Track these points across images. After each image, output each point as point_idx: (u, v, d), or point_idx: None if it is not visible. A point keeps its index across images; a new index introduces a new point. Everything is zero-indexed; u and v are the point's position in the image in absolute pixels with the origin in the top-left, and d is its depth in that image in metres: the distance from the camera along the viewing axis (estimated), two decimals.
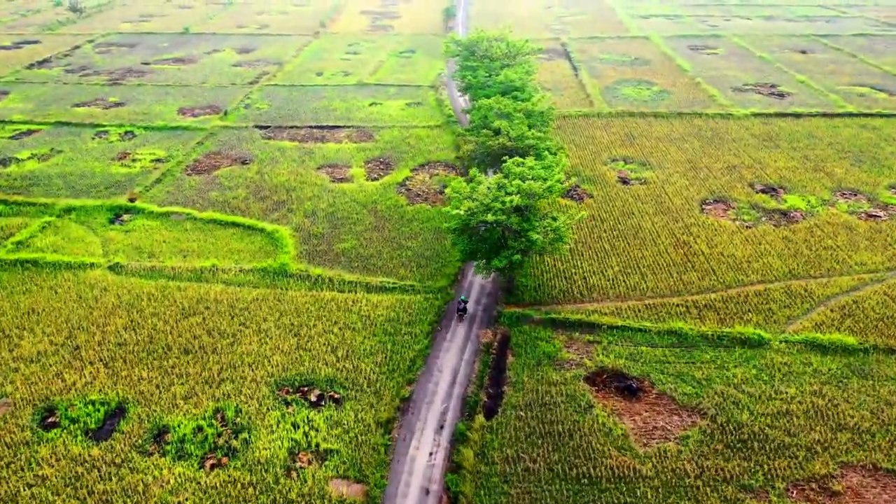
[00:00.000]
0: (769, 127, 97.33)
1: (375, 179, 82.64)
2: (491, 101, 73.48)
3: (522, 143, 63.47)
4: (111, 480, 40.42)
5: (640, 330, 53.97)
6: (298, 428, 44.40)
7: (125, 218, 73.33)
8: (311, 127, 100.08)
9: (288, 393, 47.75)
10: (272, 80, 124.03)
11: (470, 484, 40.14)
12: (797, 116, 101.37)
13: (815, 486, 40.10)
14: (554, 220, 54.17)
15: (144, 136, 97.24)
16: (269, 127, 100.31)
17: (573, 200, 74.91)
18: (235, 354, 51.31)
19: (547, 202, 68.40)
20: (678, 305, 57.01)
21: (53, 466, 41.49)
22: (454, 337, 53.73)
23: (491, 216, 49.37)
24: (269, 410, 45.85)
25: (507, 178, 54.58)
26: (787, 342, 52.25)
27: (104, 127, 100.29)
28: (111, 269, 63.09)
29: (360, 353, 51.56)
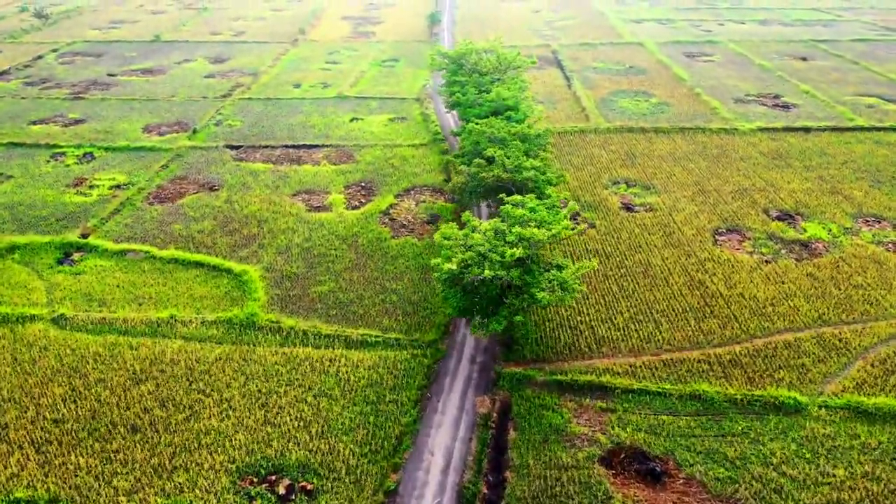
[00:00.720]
0: (778, 143, 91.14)
1: (356, 208, 75.37)
2: (482, 124, 66.45)
3: (520, 175, 56.46)
4: None
5: (659, 394, 47.17)
6: None
7: (76, 257, 65.55)
8: (286, 146, 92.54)
9: (252, 483, 40.48)
10: (246, 92, 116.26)
11: None
12: (806, 131, 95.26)
13: None
14: (560, 269, 47.20)
15: (104, 158, 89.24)
16: (241, 147, 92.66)
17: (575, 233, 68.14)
18: (192, 433, 43.91)
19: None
20: (699, 361, 50.27)
21: None
22: (447, 407, 46.65)
23: (488, 271, 42.30)
24: None
25: (504, 221, 47.51)
26: (826, 407, 45.66)
27: (61, 148, 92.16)
28: (55, 321, 55.36)
29: (337, 428, 44.35)
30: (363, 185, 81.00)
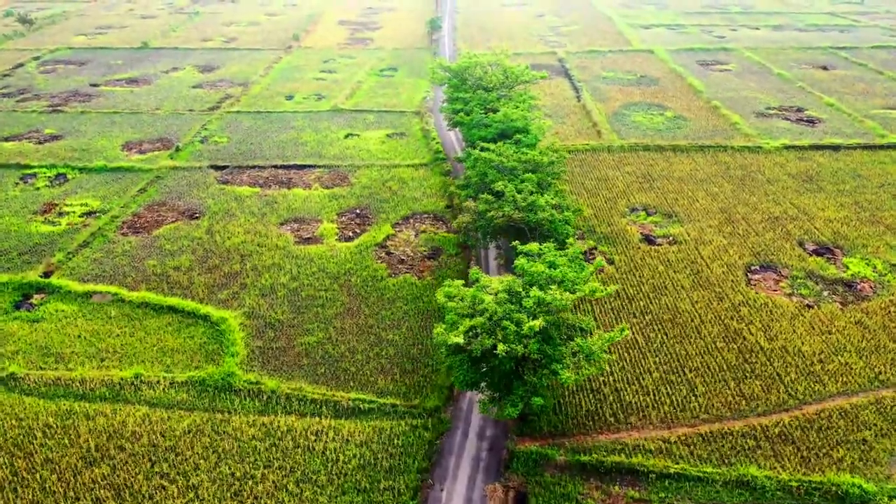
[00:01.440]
0: (807, 163, 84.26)
1: (350, 239, 68.49)
2: (490, 152, 59.50)
3: (535, 215, 49.50)
4: None
5: (699, 479, 40.31)
6: None
7: (35, 300, 58.66)
8: (275, 167, 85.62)
9: None
10: (235, 105, 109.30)
11: None
12: (835, 149, 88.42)
13: None
14: (584, 332, 40.23)
15: (78, 180, 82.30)
16: (226, 167, 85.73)
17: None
18: None
19: None
20: (743, 435, 43.41)
21: None
22: (451, 497, 39.72)
23: (502, 345, 35.35)
24: None
25: (519, 276, 40.58)
26: None
27: (32, 168, 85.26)
28: (3, 382, 48.49)
29: None
30: (358, 211, 74.12)
